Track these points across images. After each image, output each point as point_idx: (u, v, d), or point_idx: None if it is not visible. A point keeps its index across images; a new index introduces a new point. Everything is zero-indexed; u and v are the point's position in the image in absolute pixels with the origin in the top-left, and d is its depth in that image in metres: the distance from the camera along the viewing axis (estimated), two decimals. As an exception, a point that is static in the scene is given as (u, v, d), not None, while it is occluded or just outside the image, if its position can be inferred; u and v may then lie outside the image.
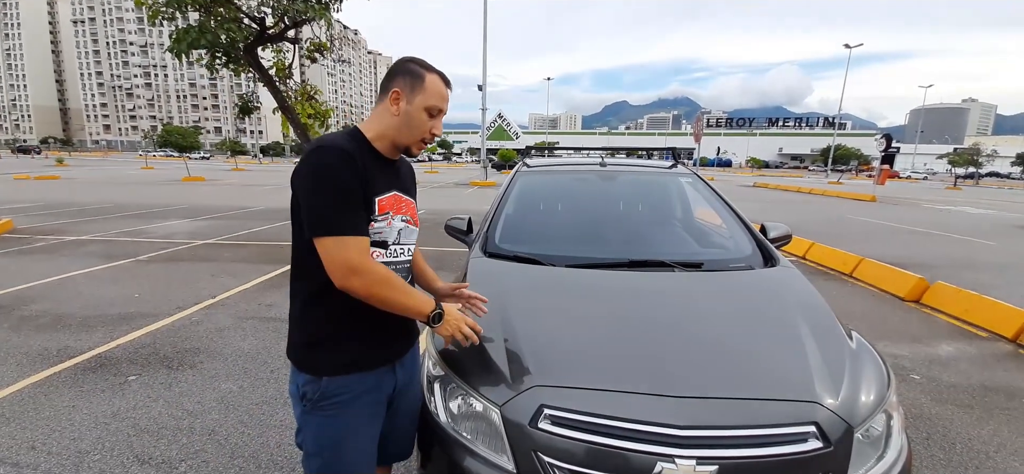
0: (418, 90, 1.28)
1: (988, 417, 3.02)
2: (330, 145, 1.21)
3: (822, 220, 13.24)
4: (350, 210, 1.20)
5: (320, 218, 1.18)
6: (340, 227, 1.18)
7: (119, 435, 2.63)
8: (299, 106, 9.14)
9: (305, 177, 1.19)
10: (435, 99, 1.29)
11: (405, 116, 1.28)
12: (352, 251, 1.18)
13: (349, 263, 1.18)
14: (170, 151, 39.12)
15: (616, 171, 3.23)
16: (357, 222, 1.21)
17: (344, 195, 1.19)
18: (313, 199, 1.18)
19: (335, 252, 1.18)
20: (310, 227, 1.20)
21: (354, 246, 1.19)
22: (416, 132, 1.30)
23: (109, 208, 12.69)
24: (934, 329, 4.65)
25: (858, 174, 60.96)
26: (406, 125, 1.29)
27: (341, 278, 1.19)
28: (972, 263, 7.75)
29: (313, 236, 1.20)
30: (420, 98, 1.27)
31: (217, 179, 27.30)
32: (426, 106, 1.28)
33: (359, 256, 1.19)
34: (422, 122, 1.29)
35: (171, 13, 7.81)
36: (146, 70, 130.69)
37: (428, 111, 1.29)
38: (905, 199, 22.59)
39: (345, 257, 1.18)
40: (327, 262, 1.19)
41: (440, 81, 1.30)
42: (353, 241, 1.19)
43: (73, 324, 4.25)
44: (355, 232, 1.20)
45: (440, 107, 1.31)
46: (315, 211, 1.18)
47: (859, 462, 1.31)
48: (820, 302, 1.88)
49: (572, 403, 1.33)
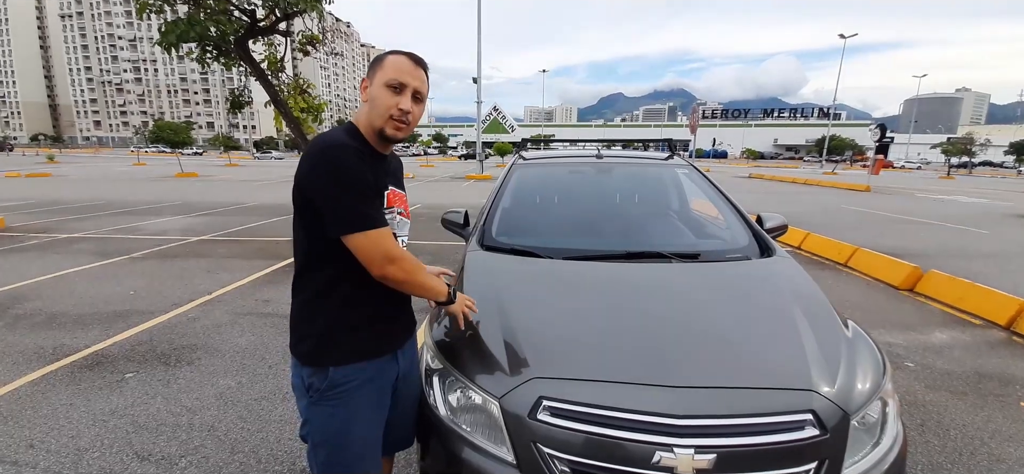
0: (377, 71, 1.29)
1: (982, 403, 3.05)
2: (342, 143, 1.23)
3: (817, 210, 13.31)
4: (376, 204, 1.27)
5: (352, 215, 1.21)
6: (373, 221, 1.23)
7: (118, 432, 2.62)
8: (292, 100, 9.04)
9: (322, 176, 1.20)
10: (392, 72, 1.28)
11: (371, 100, 1.29)
12: (388, 241, 1.25)
13: (388, 253, 1.24)
14: (162, 147, 38.79)
15: (612, 163, 3.23)
16: (382, 214, 1.28)
17: (367, 190, 1.23)
18: (339, 199, 1.20)
19: (373, 245, 1.23)
20: (338, 226, 1.21)
21: (388, 237, 1.26)
22: (382, 110, 1.28)
23: (101, 205, 12.58)
24: (928, 317, 4.69)
25: (853, 164, 61.23)
26: (372, 108, 1.29)
27: (380, 267, 1.25)
28: (965, 252, 7.82)
29: (343, 234, 1.22)
30: (379, 76, 1.28)
31: (211, 175, 27.10)
32: (385, 81, 1.27)
33: (394, 245, 1.27)
34: (384, 99, 1.27)
35: (160, 6, 7.71)
36: (136, 65, 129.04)
37: (389, 86, 1.27)
38: (899, 189, 22.73)
39: (384, 248, 1.24)
40: (365, 255, 1.23)
41: (401, 57, 1.30)
42: (386, 232, 1.26)
43: (68, 322, 4.22)
44: (385, 224, 1.27)
45: (400, 80, 1.28)
46: (343, 209, 1.20)
47: (855, 449, 1.33)
48: (816, 291, 1.89)
49: (571, 394, 1.34)
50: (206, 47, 8.04)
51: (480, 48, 24.28)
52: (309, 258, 1.32)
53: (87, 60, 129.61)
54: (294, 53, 9.17)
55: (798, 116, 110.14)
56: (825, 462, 1.26)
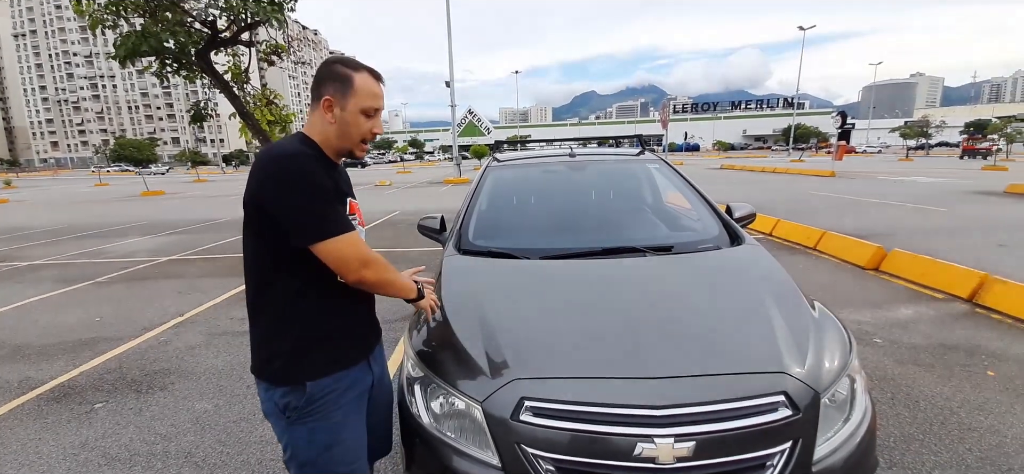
0: (350, 94, 1.25)
1: (949, 374, 3.17)
2: (297, 151, 1.19)
3: (786, 197, 13.70)
4: (340, 209, 1.25)
5: (322, 222, 1.18)
6: (343, 225, 1.21)
7: (89, 465, 2.52)
8: (259, 112, 8.83)
9: (283, 186, 1.16)
10: (368, 100, 1.26)
11: (341, 123, 1.26)
12: (362, 245, 1.25)
13: (362, 256, 1.23)
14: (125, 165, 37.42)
15: (585, 161, 3.26)
16: (347, 219, 1.25)
17: (331, 196, 1.22)
18: (305, 207, 1.17)
19: (346, 250, 1.21)
20: (306, 234, 1.18)
21: (361, 240, 1.26)
22: (355, 136, 1.29)
23: (63, 229, 12.06)
24: (893, 294, 4.88)
25: (818, 151, 63.26)
26: (344, 131, 1.27)
27: (356, 272, 1.23)
28: (926, 229, 8.17)
29: (313, 242, 1.18)
30: (352, 102, 1.25)
31: (178, 192, 26.27)
32: (361, 109, 1.26)
33: (366, 248, 1.26)
34: (359, 125, 1.28)
35: (112, 20, 7.43)
36: (93, 81, 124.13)
37: (364, 113, 1.27)
38: (862, 173, 23.57)
39: (358, 252, 1.23)
40: (337, 261, 1.21)
41: (370, 79, 1.28)
42: (355, 236, 1.24)
43: (32, 354, 4.04)
44: (353, 228, 1.25)
45: (375, 106, 1.28)
46: (311, 217, 1.17)
47: (827, 426, 1.38)
48: (784, 276, 1.95)
49: (552, 393, 1.35)
50: (165, 60, 7.80)
51: (451, 52, 24.21)
52: (268, 274, 1.26)
53: (42, 79, 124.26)
54: (260, 63, 8.97)
55: (764, 107, 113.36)
56: (799, 440, 1.30)
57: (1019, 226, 8.24)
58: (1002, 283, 4.36)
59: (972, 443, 2.45)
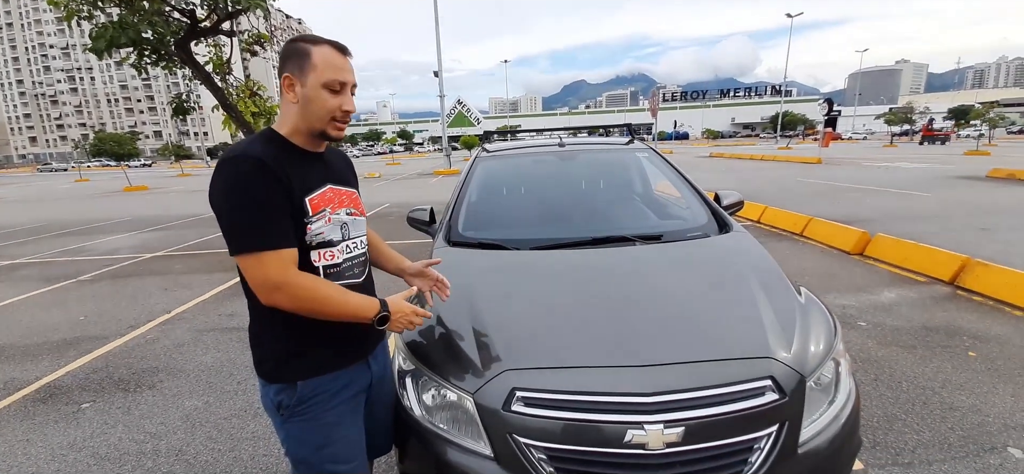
0: (308, 69, 1.16)
1: (931, 355, 3.25)
2: (240, 154, 1.12)
3: (773, 184, 13.85)
4: (268, 222, 1.11)
5: (237, 236, 1.11)
6: (257, 243, 1.10)
7: (78, 466, 2.49)
8: (242, 103, 8.67)
9: (218, 194, 1.11)
10: (330, 72, 1.16)
11: (303, 101, 1.17)
12: (271, 267, 1.11)
13: (269, 280, 1.11)
14: (106, 160, 36.64)
15: (574, 150, 3.26)
16: (276, 234, 1.12)
17: (259, 207, 1.10)
18: (228, 217, 1.11)
19: (254, 271, 1.11)
20: (229, 247, 1.12)
21: (273, 261, 1.11)
22: (322, 114, 1.18)
23: (44, 227, 11.81)
24: (877, 278, 4.98)
25: (805, 138, 63.94)
26: (307, 110, 1.18)
27: (266, 296, 1.13)
28: (910, 214, 8.32)
29: (233, 255, 1.12)
30: (312, 77, 1.16)
31: (162, 186, 25.82)
32: (323, 83, 1.16)
33: (280, 271, 1.11)
34: (324, 102, 1.17)
35: (87, 11, 7.22)
36: (70, 74, 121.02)
37: (327, 88, 1.17)
38: (848, 159, 23.88)
39: (264, 275, 1.11)
40: (250, 282, 1.14)
41: (331, 50, 1.17)
42: (271, 256, 1.11)
43: (16, 354, 3.97)
44: (274, 245, 1.11)
45: (340, 79, 1.17)
46: (232, 229, 1.11)
47: (812, 408, 1.41)
48: (770, 263, 1.98)
49: (542, 383, 1.36)
50: (143, 51, 7.61)
51: (439, 41, 23.94)
52: None
53: (19, 73, 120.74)
54: (242, 54, 8.79)
55: (753, 95, 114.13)
56: (785, 424, 1.33)
57: (1000, 210, 8.42)
58: (983, 266, 4.47)
59: (954, 422, 2.52)
